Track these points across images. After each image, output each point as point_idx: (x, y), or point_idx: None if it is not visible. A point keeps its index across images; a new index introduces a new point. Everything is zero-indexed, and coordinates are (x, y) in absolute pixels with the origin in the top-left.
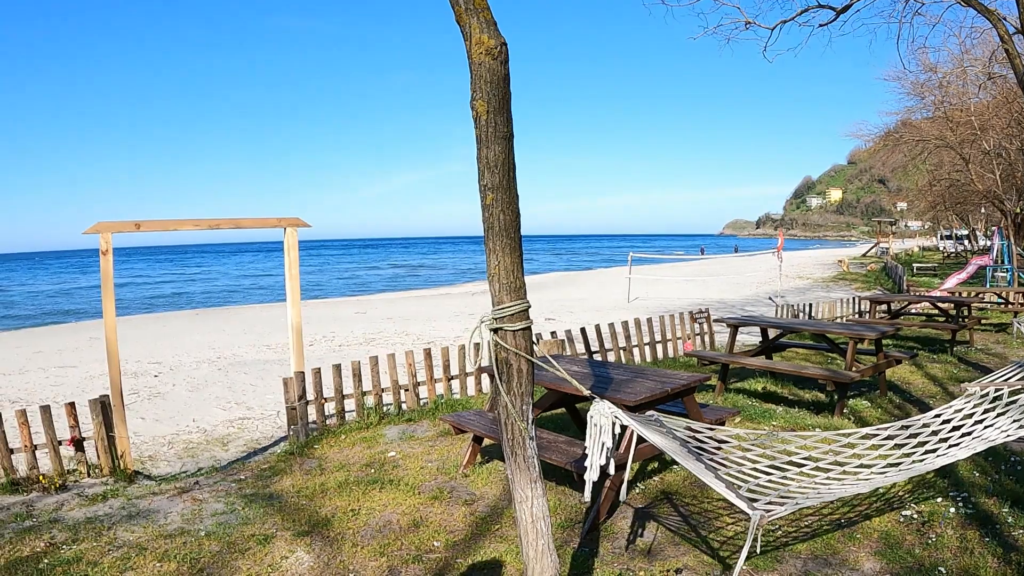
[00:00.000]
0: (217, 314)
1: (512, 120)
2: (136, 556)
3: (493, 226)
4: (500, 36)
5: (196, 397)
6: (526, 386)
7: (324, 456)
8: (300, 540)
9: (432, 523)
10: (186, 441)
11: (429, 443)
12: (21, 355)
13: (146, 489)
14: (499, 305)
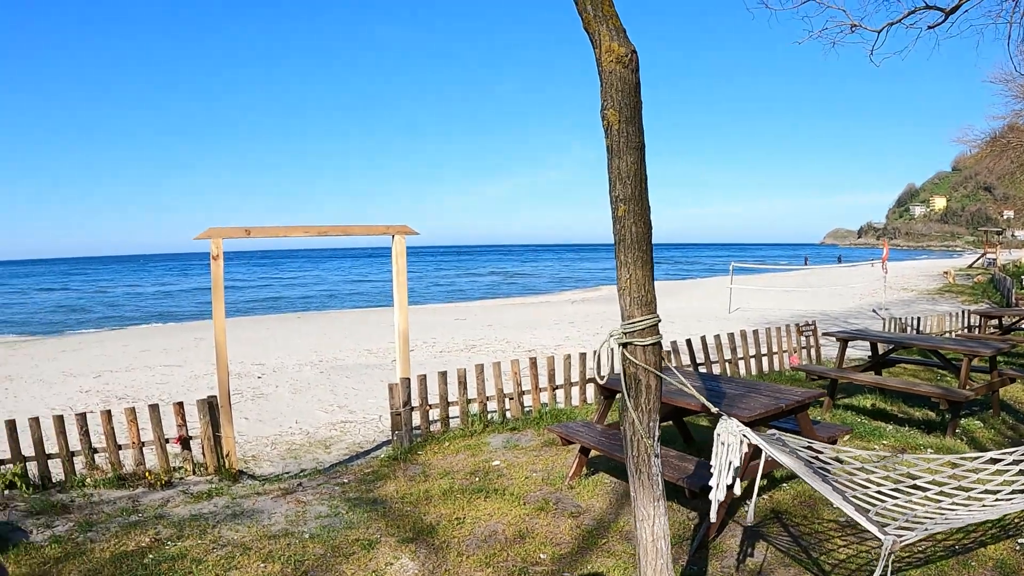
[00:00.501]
0: (318, 318)
1: (643, 130)
2: (240, 555)
3: (625, 238)
4: (630, 43)
5: (299, 399)
6: (654, 402)
7: (428, 462)
8: (405, 547)
9: (538, 535)
10: (289, 442)
11: (534, 453)
12: (128, 353)
13: (250, 489)
14: (629, 319)
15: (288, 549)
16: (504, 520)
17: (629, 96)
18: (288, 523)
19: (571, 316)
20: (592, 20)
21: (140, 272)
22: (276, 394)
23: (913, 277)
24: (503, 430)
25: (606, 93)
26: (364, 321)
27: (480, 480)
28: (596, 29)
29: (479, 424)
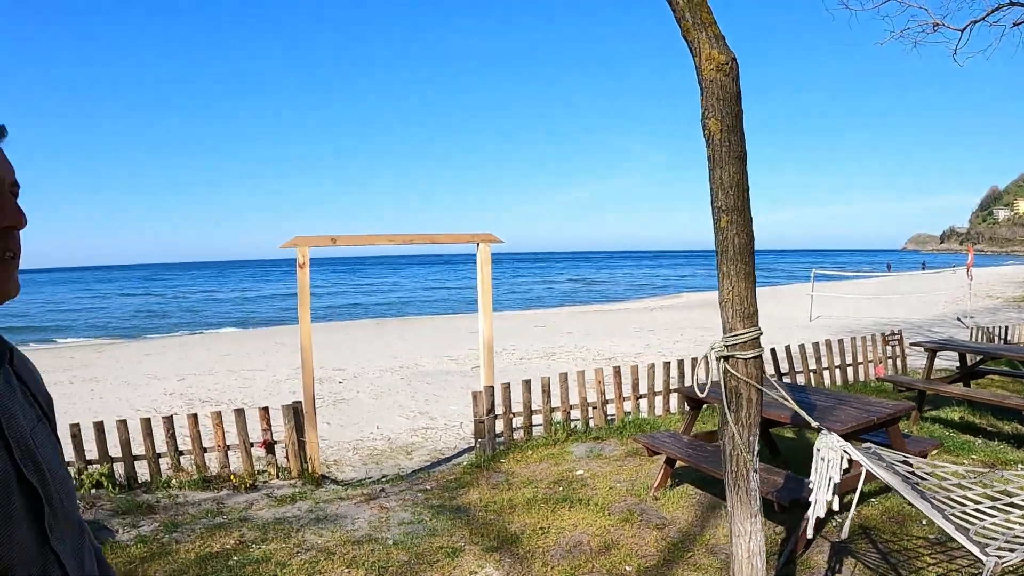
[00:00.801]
0: (397, 324)
1: (745, 139)
2: (324, 560)
3: (727, 250)
4: (730, 51)
5: (380, 405)
6: (755, 416)
7: (511, 471)
8: (489, 556)
9: (623, 546)
10: (370, 448)
11: (617, 462)
12: (210, 357)
13: (333, 494)
14: (731, 332)
15: (372, 555)
16: (589, 531)
17: (730, 105)
18: (371, 529)
19: (650, 324)
20: (691, 28)
21: (219, 278)
22: (357, 399)
23: (998, 284)
24: (586, 439)
25: (707, 102)
26: (443, 327)
27: (564, 489)
28: (695, 37)
29: (562, 433)
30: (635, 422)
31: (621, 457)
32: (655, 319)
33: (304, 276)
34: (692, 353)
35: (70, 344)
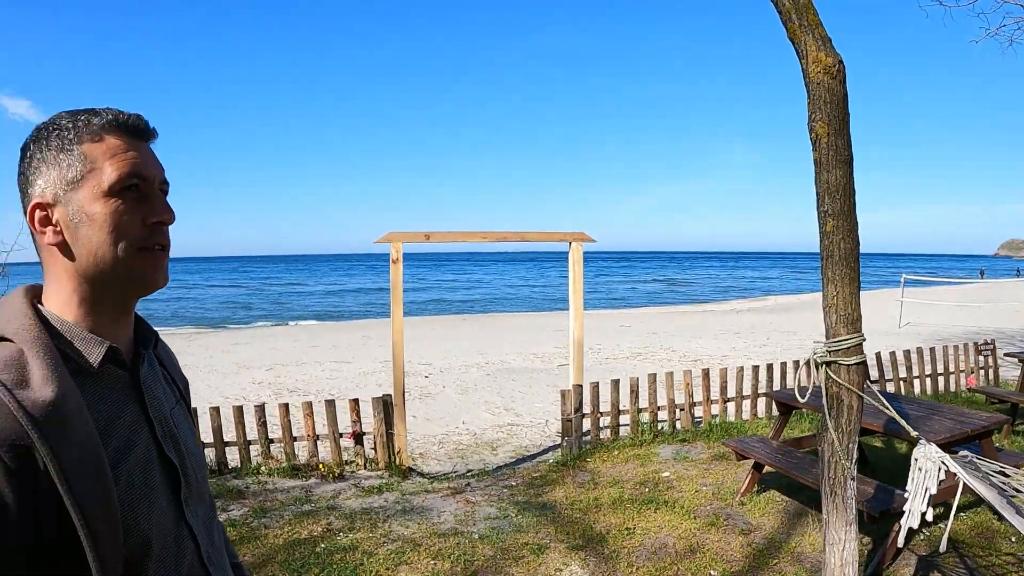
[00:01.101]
0: (482, 320)
1: (851, 142)
2: (410, 551)
3: (833, 254)
4: (837, 54)
5: (465, 400)
6: (855, 423)
7: (597, 470)
8: (574, 554)
9: (708, 550)
10: (456, 442)
11: (703, 465)
12: (298, 348)
13: (419, 486)
14: (834, 337)
15: (457, 548)
16: (674, 533)
17: (837, 108)
18: (457, 522)
19: (736, 326)
20: (798, 30)
21: (306, 271)
22: (443, 394)
23: None
24: (673, 441)
25: (814, 105)
26: (527, 325)
27: (650, 491)
28: (802, 39)
29: (649, 434)
30: (722, 425)
31: (707, 460)
32: (741, 321)
33: (397, 271)
34: (779, 357)
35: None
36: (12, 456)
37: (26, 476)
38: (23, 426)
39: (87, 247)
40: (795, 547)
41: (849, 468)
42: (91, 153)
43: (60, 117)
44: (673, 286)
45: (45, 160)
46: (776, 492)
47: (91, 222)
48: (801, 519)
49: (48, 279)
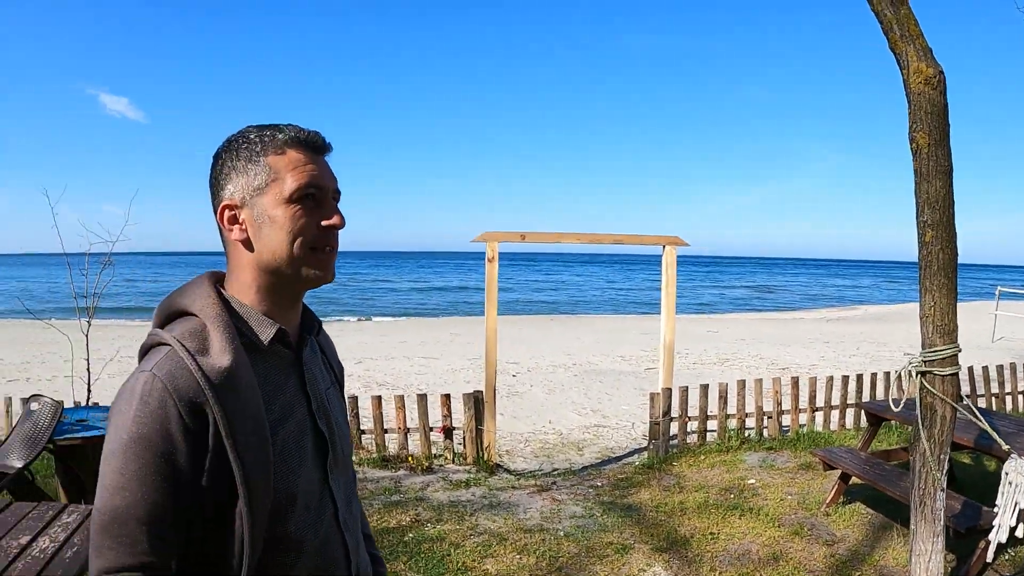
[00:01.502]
0: (569, 321)
1: (951, 153)
2: (496, 545)
3: (931, 264)
4: (937, 64)
5: (552, 400)
6: (947, 435)
7: (682, 474)
8: (658, 555)
9: (791, 559)
10: (542, 441)
11: (789, 474)
12: (387, 343)
13: (506, 482)
14: (930, 348)
15: (543, 544)
16: (758, 540)
17: (938, 118)
18: (543, 519)
19: (826, 335)
20: (899, 41)
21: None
22: (530, 393)
23: None
24: (759, 448)
25: (915, 115)
26: (614, 327)
27: (735, 497)
28: (903, 50)
29: (735, 440)
30: (809, 435)
31: (793, 469)
32: (831, 330)
33: (492, 270)
34: (868, 368)
35: None
36: (188, 411)
37: (198, 429)
38: (201, 387)
39: (268, 244)
40: (879, 560)
41: (939, 479)
42: (275, 165)
43: (249, 131)
44: (762, 292)
45: (235, 168)
46: (861, 504)
47: (272, 223)
48: (886, 532)
49: (231, 268)
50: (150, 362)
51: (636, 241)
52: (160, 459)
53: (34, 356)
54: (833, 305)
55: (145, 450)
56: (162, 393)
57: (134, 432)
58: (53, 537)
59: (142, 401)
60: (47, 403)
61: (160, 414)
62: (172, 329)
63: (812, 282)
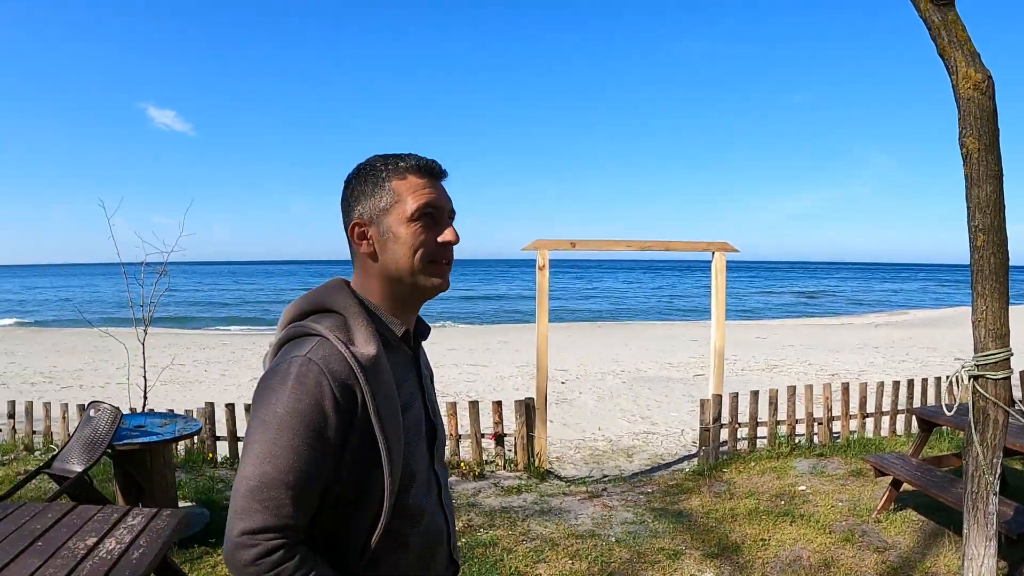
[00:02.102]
0: (617, 328)
1: (1001, 158)
2: (548, 550)
3: (983, 269)
4: (986, 69)
5: (602, 407)
6: (1000, 438)
7: (732, 481)
8: (709, 561)
9: (843, 566)
10: (592, 448)
11: (840, 481)
12: (436, 351)
13: (557, 488)
14: (983, 351)
15: (594, 550)
16: (809, 547)
17: (987, 123)
18: (594, 525)
19: (875, 340)
20: (947, 47)
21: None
22: (580, 400)
23: None
24: (809, 455)
25: (964, 120)
26: (662, 334)
27: (785, 504)
28: (951, 55)
29: (786, 447)
30: (860, 441)
31: (844, 476)
32: (879, 336)
33: (544, 278)
34: (919, 374)
35: None
36: (341, 390)
37: (348, 407)
38: (352, 370)
39: (392, 257)
40: (930, 567)
41: (992, 483)
42: (398, 188)
43: (375, 160)
44: (810, 297)
45: (364, 192)
46: (913, 511)
47: (396, 239)
48: (938, 539)
49: (360, 276)
50: (301, 348)
51: (686, 248)
52: (312, 432)
53: (87, 364)
54: (882, 310)
55: (300, 423)
56: (318, 374)
57: (290, 407)
58: (119, 539)
59: (298, 380)
60: (106, 409)
61: (316, 392)
62: (317, 323)
63: (861, 286)
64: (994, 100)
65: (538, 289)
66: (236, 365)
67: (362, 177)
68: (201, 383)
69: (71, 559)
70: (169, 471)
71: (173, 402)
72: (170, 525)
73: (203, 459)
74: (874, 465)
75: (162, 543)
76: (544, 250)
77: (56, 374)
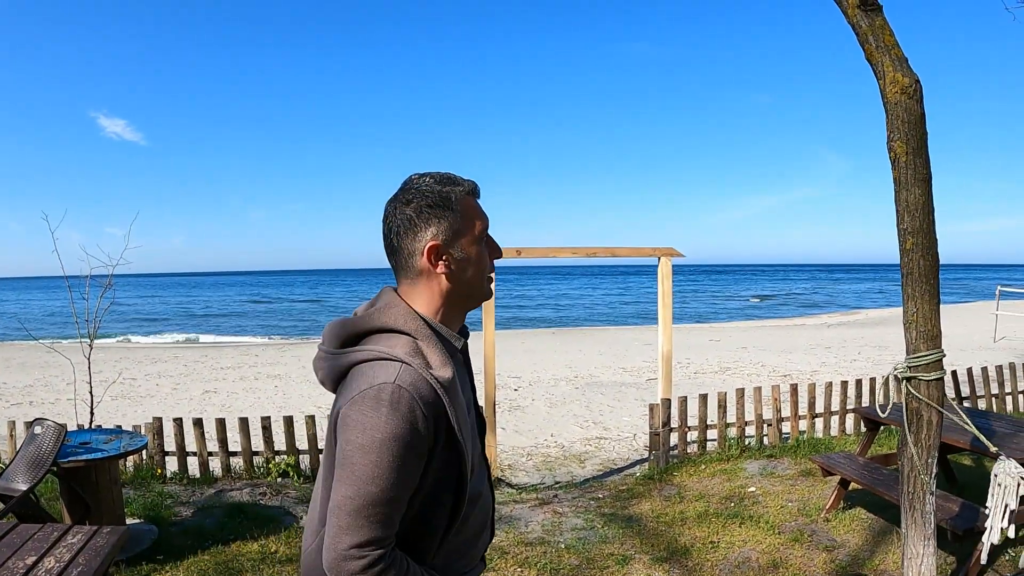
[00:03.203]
0: (571, 334)
1: (930, 161)
2: (498, 559)
3: (912, 272)
4: (913, 73)
5: (554, 413)
6: (934, 439)
7: (683, 484)
8: (658, 565)
9: (791, 566)
10: (544, 454)
11: (789, 481)
12: None
13: (507, 496)
14: (914, 353)
15: (544, 557)
16: (758, 548)
17: (915, 127)
18: (544, 532)
19: (828, 340)
20: (874, 51)
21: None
22: (532, 407)
23: None
24: (760, 456)
25: (892, 124)
26: (615, 339)
27: (735, 505)
28: (879, 60)
29: (736, 449)
30: (809, 441)
31: (794, 476)
32: (832, 336)
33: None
34: (869, 373)
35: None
36: (430, 412)
37: (436, 427)
38: (438, 394)
39: (467, 276)
40: (878, 564)
41: (928, 483)
42: (466, 212)
43: (431, 182)
44: (764, 299)
45: (435, 216)
46: (862, 509)
47: (469, 260)
48: (886, 537)
49: (422, 293)
50: (387, 374)
51: (632, 253)
52: (410, 452)
53: (37, 379)
54: (834, 310)
55: (398, 446)
56: (410, 400)
57: (388, 432)
58: (58, 558)
59: (392, 407)
60: (50, 426)
61: (410, 416)
62: (385, 344)
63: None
64: (922, 104)
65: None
66: (188, 379)
67: (429, 200)
68: (152, 397)
69: None
70: (116, 488)
71: (123, 417)
72: (110, 542)
73: (151, 475)
74: (821, 465)
75: (101, 560)
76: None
77: (5, 391)
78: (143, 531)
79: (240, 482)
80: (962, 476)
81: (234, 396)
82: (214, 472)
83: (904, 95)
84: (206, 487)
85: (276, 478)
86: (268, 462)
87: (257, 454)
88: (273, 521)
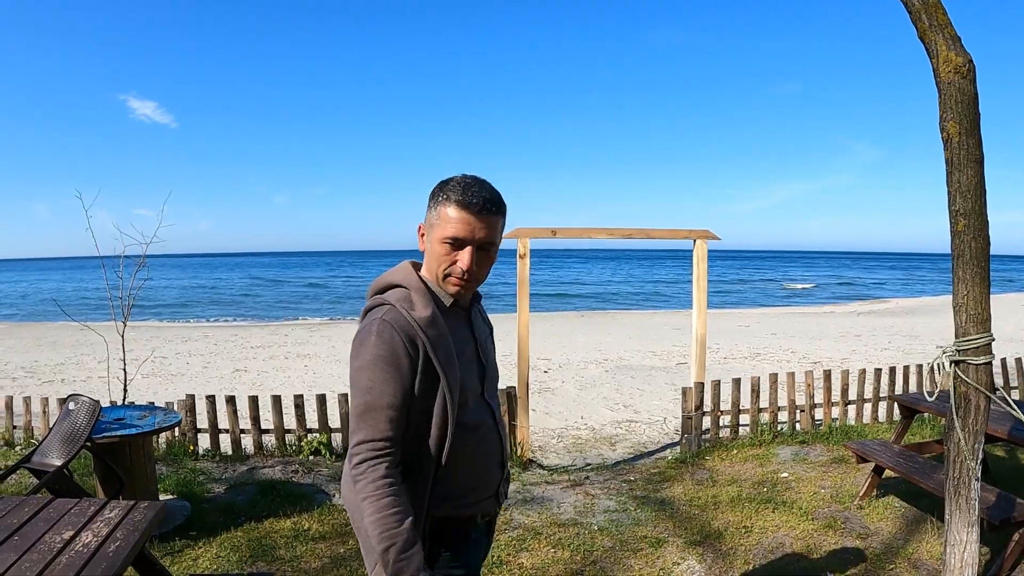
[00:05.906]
0: (601, 317)
1: (982, 142)
2: (531, 539)
3: (964, 254)
4: (966, 53)
5: (584, 396)
6: (982, 424)
7: (715, 468)
8: (691, 549)
9: (825, 552)
10: (575, 436)
11: (822, 468)
12: None
13: (539, 478)
14: (964, 336)
15: (577, 538)
16: (791, 534)
17: (968, 107)
18: (577, 513)
19: (857, 328)
20: (928, 30)
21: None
22: (562, 389)
23: None
24: (792, 442)
25: (945, 105)
26: (645, 323)
27: (768, 491)
28: (932, 39)
29: (768, 434)
30: (842, 428)
31: (826, 463)
32: (862, 324)
33: (524, 267)
34: (900, 361)
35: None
36: (407, 341)
37: (414, 354)
38: (414, 327)
39: (428, 262)
40: (912, 553)
41: (974, 468)
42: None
43: (445, 182)
44: (794, 286)
45: (429, 205)
46: (895, 497)
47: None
48: (920, 525)
49: (425, 259)
50: (378, 313)
51: (667, 236)
52: (393, 370)
53: (68, 358)
54: (864, 299)
55: (385, 364)
56: (391, 330)
57: (375, 354)
58: (96, 532)
59: (378, 335)
60: (85, 402)
61: (391, 342)
62: (389, 295)
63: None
64: (975, 84)
65: (519, 278)
66: (218, 357)
67: (433, 193)
68: (183, 375)
69: (47, 553)
70: (149, 464)
71: (155, 395)
72: (147, 517)
73: (184, 452)
74: (856, 452)
75: (139, 536)
76: (525, 238)
77: (37, 369)
78: (176, 507)
79: (272, 459)
80: (996, 466)
81: (264, 375)
82: (246, 449)
83: (957, 75)
84: (238, 464)
85: (308, 456)
86: (300, 440)
87: (289, 432)
88: (305, 499)
